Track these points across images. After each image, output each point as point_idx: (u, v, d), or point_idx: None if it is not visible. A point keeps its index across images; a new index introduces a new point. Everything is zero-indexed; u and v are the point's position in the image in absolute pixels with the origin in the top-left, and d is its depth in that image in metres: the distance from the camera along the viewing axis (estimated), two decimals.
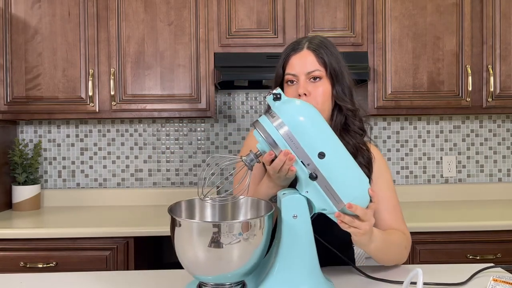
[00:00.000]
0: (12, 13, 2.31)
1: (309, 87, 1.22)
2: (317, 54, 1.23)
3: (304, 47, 1.25)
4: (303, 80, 1.23)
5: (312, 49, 1.24)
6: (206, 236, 0.93)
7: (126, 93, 2.32)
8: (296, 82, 1.24)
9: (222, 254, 0.94)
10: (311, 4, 2.31)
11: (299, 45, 1.26)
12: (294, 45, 1.27)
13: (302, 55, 1.24)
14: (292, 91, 1.24)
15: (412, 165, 2.70)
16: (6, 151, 2.49)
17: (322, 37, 1.29)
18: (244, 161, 1.03)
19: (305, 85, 1.22)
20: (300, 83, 1.23)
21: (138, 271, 1.30)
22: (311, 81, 1.23)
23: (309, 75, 1.23)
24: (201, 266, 0.97)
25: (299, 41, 1.28)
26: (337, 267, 1.29)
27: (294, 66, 1.24)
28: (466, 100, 2.33)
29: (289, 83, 1.25)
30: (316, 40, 1.27)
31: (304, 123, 0.98)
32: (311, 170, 0.98)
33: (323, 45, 1.26)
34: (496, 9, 2.33)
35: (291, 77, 1.24)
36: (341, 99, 1.25)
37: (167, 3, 2.31)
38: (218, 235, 0.93)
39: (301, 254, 1.02)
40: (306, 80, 1.23)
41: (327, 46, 1.26)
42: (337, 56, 1.27)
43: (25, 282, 1.24)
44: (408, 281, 0.96)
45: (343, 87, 1.26)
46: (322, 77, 1.23)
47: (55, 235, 2.01)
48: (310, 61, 1.23)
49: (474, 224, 2.07)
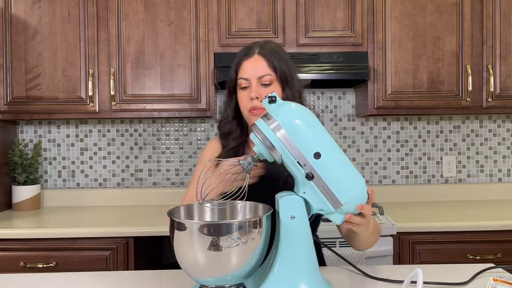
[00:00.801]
0: (12, 13, 2.31)
1: (260, 91, 1.28)
2: (268, 59, 1.30)
3: (256, 52, 1.31)
4: (255, 84, 1.29)
5: (263, 54, 1.30)
6: (206, 238, 0.94)
7: (126, 93, 2.32)
8: (248, 86, 1.30)
9: (222, 257, 0.95)
10: (311, 4, 2.31)
11: (251, 50, 1.32)
12: (246, 50, 1.33)
13: (254, 60, 1.30)
14: (245, 95, 1.30)
15: (412, 165, 2.70)
16: (6, 151, 2.49)
17: (273, 43, 1.37)
18: (242, 165, 1.04)
19: (257, 89, 1.28)
20: (252, 87, 1.29)
21: (138, 271, 1.31)
22: (262, 85, 1.29)
23: (261, 79, 1.29)
24: (200, 268, 0.97)
25: (251, 47, 1.33)
26: (337, 267, 1.29)
27: (246, 71, 1.30)
28: (466, 100, 2.32)
29: (242, 88, 1.31)
30: (268, 46, 1.33)
31: (300, 124, 1.00)
32: (307, 170, 0.99)
33: (274, 51, 1.32)
34: (496, 9, 2.33)
35: (243, 81, 1.30)
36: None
37: (167, 3, 2.31)
38: (218, 239, 0.93)
39: (299, 255, 1.02)
40: (258, 84, 1.29)
41: (277, 52, 1.33)
42: (287, 61, 1.34)
43: (25, 282, 1.24)
44: (408, 280, 0.96)
45: (293, 91, 1.32)
46: (273, 82, 1.30)
47: (55, 235, 2.01)
48: (261, 66, 1.30)
49: (474, 224, 2.06)
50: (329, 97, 2.69)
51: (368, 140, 2.69)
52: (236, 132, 1.37)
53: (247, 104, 1.30)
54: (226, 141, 1.39)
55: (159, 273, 1.28)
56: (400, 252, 2.05)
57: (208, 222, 1.08)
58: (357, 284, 1.19)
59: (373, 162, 2.69)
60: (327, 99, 2.69)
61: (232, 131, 1.37)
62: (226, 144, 1.38)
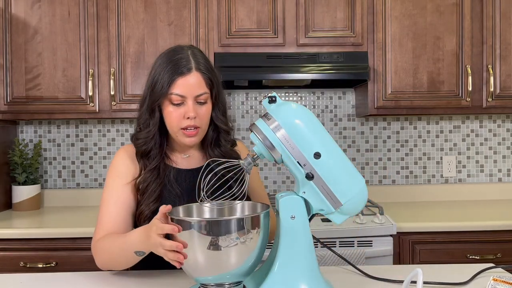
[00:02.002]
0: (12, 13, 2.31)
1: (198, 110, 1.22)
2: (207, 77, 1.23)
3: (193, 68, 1.21)
4: (191, 102, 1.21)
5: (201, 71, 1.22)
6: (205, 238, 0.94)
7: (126, 93, 2.32)
8: (182, 103, 1.21)
9: (221, 256, 0.95)
10: (311, 4, 2.31)
11: (186, 64, 1.21)
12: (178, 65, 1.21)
13: (191, 77, 1.21)
14: (178, 113, 1.21)
15: (412, 165, 2.70)
16: (6, 151, 2.49)
17: (200, 51, 1.29)
18: (242, 165, 1.05)
19: (195, 107, 1.21)
20: (189, 106, 1.21)
21: (138, 271, 1.30)
22: (198, 103, 1.23)
23: (197, 97, 1.22)
24: (200, 267, 0.98)
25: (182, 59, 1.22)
26: (337, 267, 1.29)
27: (183, 88, 1.20)
28: (466, 100, 2.32)
29: (174, 104, 1.21)
30: (200, 58, 1.24)
31: (300, 125, 1.00)
32: (307, 170, 0.99)
33: (209, 65, 1.26)
34: (496, 9, 2.33)
35: (177, 98, 1.21)
36: (219, 119, 1.31)
37: (167, 3, 2.31)
38: (217, 238, 0.94)
39: (300, 255, 1.02)
40: (194, 102, 1.22)
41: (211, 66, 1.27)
42: (216, 74, 1.28)
43: (25, 282, 1.24)
44: (408, 280, 0.96)
45: (219, 107, 1.30)
46: (207, 100, 1.25)
47: (55, 235, 2.00)
48: (199, 84, 1.22)
49: (474, 224, 2.06)
50: (329, 97, 2.69)
51: (368, 140, 2.69)
52: (155, 149, 1.27)
53: (179, 123, 1.22)
54: (145, 160, 1.28)
55: (159, 273, 1.28)
56: (400, 252, 2.05)
57: (207, 219, 1.08)
58: (357, 284, 1.19)
59: (373, 162, 2.69)
60: (327, 99, 2.69)
61: (151, 149, 1.27)
62: (144, 163, 1.28)
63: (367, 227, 1.99)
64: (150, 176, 1.26)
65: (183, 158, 1.34)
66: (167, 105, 1.23)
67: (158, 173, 1.27)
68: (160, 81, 1.21)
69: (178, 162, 1.34)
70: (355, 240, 1.98)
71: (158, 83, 1.22)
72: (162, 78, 1.21)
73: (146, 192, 1.26)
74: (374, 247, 1.99)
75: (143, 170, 1.28)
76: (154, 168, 1.27)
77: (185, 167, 1.34)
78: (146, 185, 1.26)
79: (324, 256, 1.89)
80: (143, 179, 1.26)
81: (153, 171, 1.27)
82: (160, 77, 1.22)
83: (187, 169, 1.33)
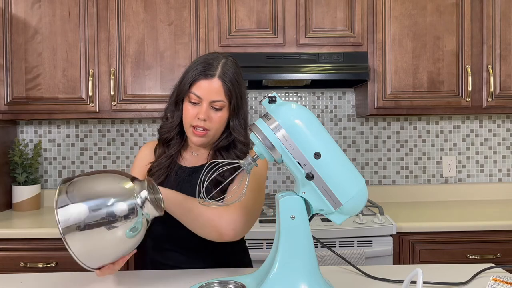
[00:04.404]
0: (12, 13, 2.31)
1: (211, 114, 1.27)
2: (227, 87, 1.27)
3: (216, 75, 1.26)
4: (206, 106, 1.26)
5: (223, 79, 1.27)
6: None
7: (126, 93, 2.32)
8: (198, 104, 1.27)
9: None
10: (311, 4, 2.31)
11: (211, 70, 1.27)
12: (206, 68, 1.27)
13: (212, 82, 1.26)
14: (193, 111, 1.27)
15: (412, 165, 2.70)
16: (6, 151, 2.49)
17: (234, 64, 1.31)
18: (242, 165, 1.04)
19: (207, 111, 1.26)
20: (203, 108, 1.26)
21: (138, 271, 1.31)
22: (213, 108, 1.27)
23: (213, 103, 1.26)
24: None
25: (212, 64, 1.28)
26: (337, 267, 1.29)
27: (202, 90, 1.26)
28: (466, 100, 2.33)
29: (191, 102, 1.28)
30: (229, 69, 1.28)
31: (300, 125, 1.00)
32: (307, 170, 0.99)
33: (234, 78, 1.29)
34: (496, 9, 2.34)
35: (195, 97, 1.27)
36: (237, 131, 1.33)
37: (167, 3, 2.31)
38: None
39: (300, 255, 1.02)
40: (209, 106, 1.27)
41: (237, 79, 1.29)
42: (242, 90, 1.31)
43: (25, 282, 1.24)
44: (408, 280, 0.96)
45: (239, 120, 1.33)
46: (223, 108, 1.28)
47: (55, 235, 2.00)
48: (218, 91, 1.26)
49: (474, 224, 2.07)
50: (329, 97, 2.69)
51: (368, 140, 2.69)
52: (176, 139, 1.37)
53: (192, 120, 1.28)
54: (165, 147, 1.38)
55: (159, 273, 1.28)
56: (400, 252, 2.05)
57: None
58: (357, 284, 1.19)
59: (373, 162, 2.69)
60: (327, 99, 2.69)
61: (173, 138, 1.37)
62: (163, 149, 1.38)
63: (367, 227, 1.99)
64: (164, 162, 1.36)
65: (191, 155, 1.41)
66: (186, 101, 1.30)
67: (170, 162, 1.37)
68: (187, 78, 1.29)
69: (186, 158, 1.40)
70: (355, 240, 1.98)
71: (185, 79, 1.30)
72: (189, 76, 1.29)
73: (153, 175, 1.36)
74: (374, 247, 1.99)
75: (161, 156, 1.37)
76: (170, 156, 1.37)
77: (188, 164, 1.39)
78: (156, 169, 1.36)
79: (324, 256, 1.89)
80: (157, 163, 1.37)
81: (168, 158, 1.36)
82: (188, 75, 1.30)
83: (189, 167, 1.38)
